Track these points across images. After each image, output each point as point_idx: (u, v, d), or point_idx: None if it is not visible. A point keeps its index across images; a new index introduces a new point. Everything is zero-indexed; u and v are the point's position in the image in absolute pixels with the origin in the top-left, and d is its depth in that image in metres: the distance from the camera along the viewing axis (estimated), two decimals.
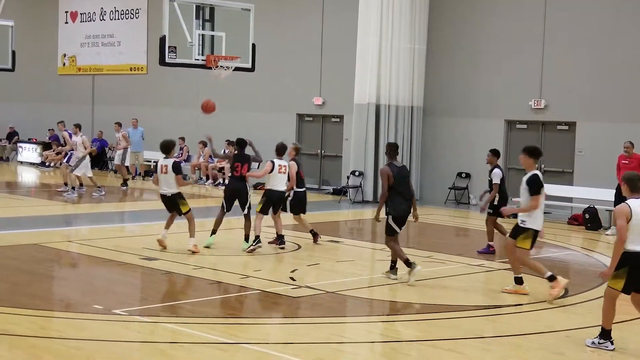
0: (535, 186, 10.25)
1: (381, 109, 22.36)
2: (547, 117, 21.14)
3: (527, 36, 21.31)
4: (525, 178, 10.42)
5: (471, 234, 17.49)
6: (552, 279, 10.34)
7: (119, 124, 25.26)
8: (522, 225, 10.37)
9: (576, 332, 8.79)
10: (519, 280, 10.76)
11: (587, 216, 18.59)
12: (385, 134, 22.25)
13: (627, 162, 17.07)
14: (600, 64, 20.17)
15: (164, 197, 13.11)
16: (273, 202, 13.53)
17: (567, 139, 20.86)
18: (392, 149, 11.39)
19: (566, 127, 20.96)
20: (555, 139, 21.20)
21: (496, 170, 13.82)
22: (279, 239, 13.75)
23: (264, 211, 13.46)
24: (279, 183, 13.50)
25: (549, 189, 20.09)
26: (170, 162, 12.90)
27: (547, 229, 17.84)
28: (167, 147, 12.99)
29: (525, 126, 21.69)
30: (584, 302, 10.49)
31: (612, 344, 8.05)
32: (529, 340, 8.50)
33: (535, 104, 21.14)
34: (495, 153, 14.17)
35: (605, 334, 8.07)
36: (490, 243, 14.12)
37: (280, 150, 13.61)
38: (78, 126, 21.14)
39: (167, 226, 13.26)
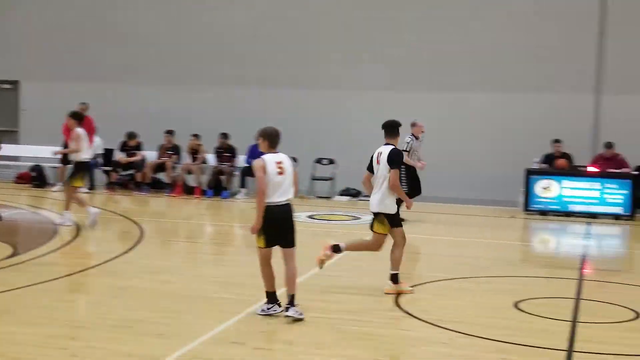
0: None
1: None
2: None
3: None
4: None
5: None
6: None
7: None
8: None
9: (23, 291, 8.91)
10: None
11: (34, 174, 18.79)
12: None
13: None
14: (47, 25, 20.32)
15: None
16: None
17: (11, 98, 20.65)
18: None
19: (10, 86, 20.72)
20: None
21: None
22: None
23: None
24: None
25: None
26: None
27: None
28: None
29: None
30: (33, 260, 10.68)
31: (279, 306, 7.83)
32: None
33: None
34: None
35: (271, 298, 7.86)
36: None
37: None
38: None
39: None
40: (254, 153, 18.35)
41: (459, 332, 7.51)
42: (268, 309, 7.89)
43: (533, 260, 12.63)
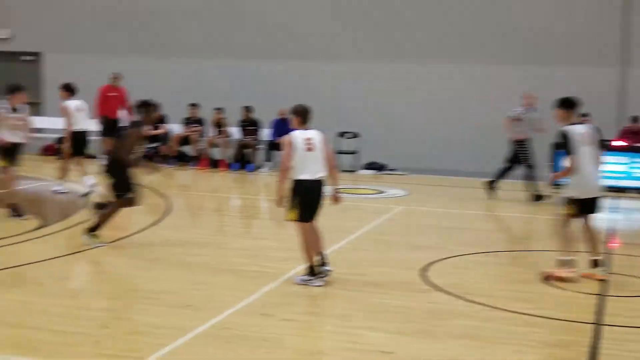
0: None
1: None
2: (12, 48, 20.75)
3: None
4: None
5: None
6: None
7: None
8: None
9: (52, 262, 9.02)
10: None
11: (58, 146, 18.89)
12: None
13: (115, 94, 17.58)
14: None
15: None
16: None
17: (33, 70, 20.73)
18: None
19: (32, 58, 20.80)
20: (21, 70, 20.90)
21: None
22: None
23: None
24: None
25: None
26: None
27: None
28: None
29: None
30: (63, 231, 10.80)
31: (318, 280, 8.07)
32: (11, 274, 8.49)
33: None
34: None
35: (311, 271, 8.08)
36: None
37: None
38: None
39: None
40: (279, 127, 18.35)
41: (486, 305, 7.51)
42: (309, 280, 8.07)
43: None
